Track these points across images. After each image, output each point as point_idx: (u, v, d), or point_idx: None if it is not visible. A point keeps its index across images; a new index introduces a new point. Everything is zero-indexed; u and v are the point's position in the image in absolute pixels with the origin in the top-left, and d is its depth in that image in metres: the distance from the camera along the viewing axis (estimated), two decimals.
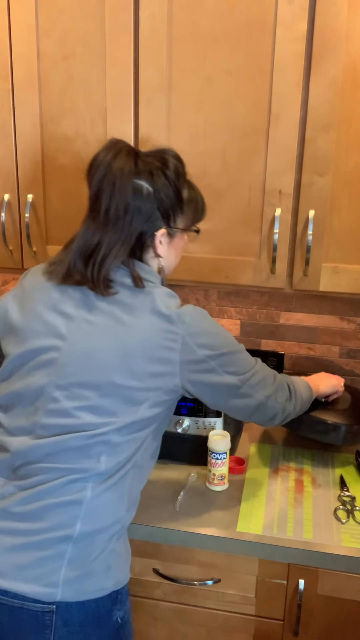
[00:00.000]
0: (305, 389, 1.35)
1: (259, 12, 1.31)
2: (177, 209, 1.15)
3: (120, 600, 1.14)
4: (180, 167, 1.15)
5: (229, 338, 1.18)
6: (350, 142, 1.34)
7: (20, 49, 1.42)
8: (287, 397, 1.27)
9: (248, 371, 1.19)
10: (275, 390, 1.24)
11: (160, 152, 1.15)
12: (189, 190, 1.19)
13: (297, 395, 1.30)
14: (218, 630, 1.42)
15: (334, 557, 1.27)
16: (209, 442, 1.46)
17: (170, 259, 1.21)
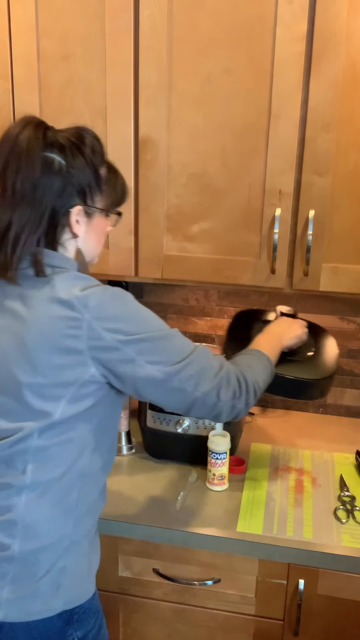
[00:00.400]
0: (263, 367, 1.20)
1: (259, 12, 1.31)
2: (95, 187, 1.07)
3: (77, 620, 1.09)
4: (97, 145, 1.08)
5: (152, 322, 1.06)
6: (350, 142, 1.34)
7: (20, 49, 1.42)
8: (234, 394, 1.10)
9: (178, 362, 1.05)
10: (218, 386, 1.08)
11: (76, 129, 1.08)
12: (109, 170, 1.12)
13: (249, 386, 1.13)
14: (218, 630, 1.42)
15: (334, 557, 1.27)
16: (209, 442, 1.46)
17: (91, 242, 1.12)
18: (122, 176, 1.17)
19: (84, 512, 1.09)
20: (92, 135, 1.08)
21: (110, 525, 1.36)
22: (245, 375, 1.13)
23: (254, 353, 1.22)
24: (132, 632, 1.48)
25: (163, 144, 1.42)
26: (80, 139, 1.05)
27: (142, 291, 1.93)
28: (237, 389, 1.11)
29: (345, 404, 1.89)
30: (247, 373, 1.14)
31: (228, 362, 1.15)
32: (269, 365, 1.22)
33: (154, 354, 1.03)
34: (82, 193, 1.06)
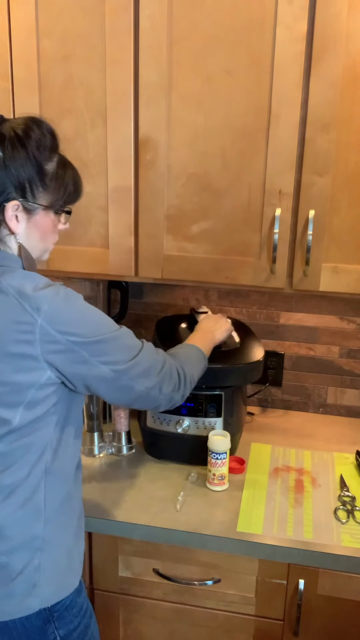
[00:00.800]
0: (198, 362, 1.28)
1: (259, 12, 1.31)
2: (37, 183, 1.04)
3: (58, 617, 1.09)
4: (46, 139, 1.05)
5: (103, 323, 1.07)
6: (350, 142, 1.34)
7: (20, 49, 1.42)
8: (174, 387, 1.17)
9: (128, 360, 1.08)
10: (161, 381, 1.14)
11: (27, 120, 1.05)
12: (59, 166, 1.08)
13: (187, 380, 1.20)
14: (218, 630, 1.42)
15: (334, 557, 1.27)
16: (209, 442, 1.46)
17: (34, 240, 1.08)
18: (75, 173, 1.12)
19: (54, 509, 1.09)
20: (43, 128, 1.05)
21: (110, 525, 1.36)
22: (185, 369, 1.21)
23: (191, 348, 1.31)
24: (132, 632, 1.48)
25: (163, 144, 1.42)
26: (25, 132, 1.03)
27: (142, 291, 1.93)
28: (177, 382, 1.18)
29: (345, 404, 1.89)
30: (185, 367, 1.22)
31: (169, 355, 1.22)
32: (203, 359, 1.31)
33: (107, 354, 1.05)
34: (21, 188, 1.03)
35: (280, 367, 1.89)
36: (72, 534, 1.13)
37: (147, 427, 1.60)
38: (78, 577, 1.15)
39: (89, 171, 1.47)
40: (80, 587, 1.16)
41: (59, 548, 1.10)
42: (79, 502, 1.17)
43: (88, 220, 1.51)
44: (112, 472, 1.54)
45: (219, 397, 1.53)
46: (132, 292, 1.92)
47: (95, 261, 1.53)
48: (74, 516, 1.14)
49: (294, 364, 1.89)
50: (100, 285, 1.82)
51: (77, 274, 1.58)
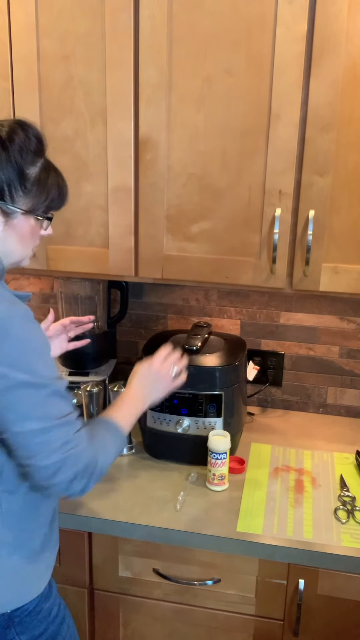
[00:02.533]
0: (117, 448, 1.12)
1: (259, 12, 1.31)
2: (17, 186, 1.02)
3: (19, 623, 1.09)
4: (29, 143, 1.03)
5: (35, 361, 0.97)
6: (350, 142, 1.34)
7: (20, 49, 1.42)
8: (74, 476, 1.01)
9: (29, 418, 0.96)
10: (59, 463, 0.98)
11: (14, 123, 1.04)
12: (42, 171, 1.05)
13: (96, 472, 1.04)
14: (218, 630, 1.42)
15: (334, 557, 1.27)
16: (209, 442, 1.46)
17: (11, 243, 1.06)
18: (60, 179, 1.10)
19: (14, 514, 1.06)
20: (28, 132, 1.04)
21: (110, 525, 1.36)
22: (97, 460, 1.05)
23: (113, 430, 1.13)
24: (132, 632, 1.48)
25: (163, 144, 1.42)
26: (9, 135, 1.01)
27: (142, 291, 1.93)
28: (82, 472, 1.01)
29: (345, 404, 1.89)
30: (100, 457, 1.05)
31: (86, 435, 1.04)
32: (122, 443, 1.15)
33: (14, 400, 0.95)
34: (0, 191, 1.01)
35: (280, 367, 1.89)
36: (39, 540, 1.12)
37: (147, 427, 1.60)
38: (44, 583, 1.14)
39: (89, 171, 1.47)
40: (48, 592, 1.15)
41: (20, 554, 1.09)
42: (49, 509, 1.14)
43: (88, 220, 1.51)
44: (112, 472, 1.54)
45: (219, 397, 1.54)
46: (132, 292, 1.92)
47: (95, 261, 1.53)
48: (42, 522, 1.13)
49: (294, 364, 1.89)
50: (100, 285, 1.82)
51: (77, 274, 1.58)
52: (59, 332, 1.44)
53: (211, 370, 1.54)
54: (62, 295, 1.82)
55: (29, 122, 1.06)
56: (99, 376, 1.75)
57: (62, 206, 1.13)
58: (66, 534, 1.40)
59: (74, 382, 1.72)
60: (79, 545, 1.42)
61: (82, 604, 1.47)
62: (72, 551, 1.43)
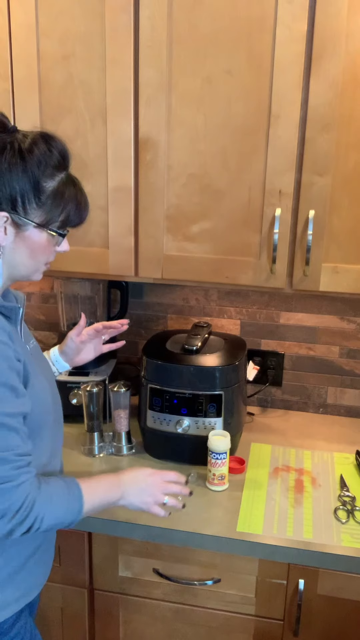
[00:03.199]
0: (67, 510, 1.03)
1: (259, 12, 1.31)
2: (31, 198, 1.01)
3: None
4: (49, 156, 1.02)
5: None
6: (350, 142, 1.34)
7: (20, 49, 1.42)
8: (2, 514, 0.96)
9: None
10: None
11: (38, 135, 1.03)
12: (61, 185, 1.04)
13: (27, 520, 0.98)
14: (218, 630, 1.42)
15: (334, 557, 1.27)
16: (209, 442, 1.46)
17: (21, 256, 1.05)
18: (79, 196, 1.08)
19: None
20: (51, 145, 1.03)
21: (110, 525, 1.36)
22: (34, 507, 0.98)
23: (73, 491, 1.06)
24: (132, 632, 1.48)
25: (163, 144, 1.42)
26: (30, 146, 1.01)
27: (142, 291, 1.93)
28: (11, 512, 0.96)
29: (345, 404, 1.89)
30: (41, 507, 0.99)
31: (36, 480, 1.00)
32: (76, 512, 1.05)
33: None
34: (12, 201, 1.00)
35: (280, 367, 1.89)
36: (16, 568, 1.11)
37: (147, 427, 1.60)
38: (12, 609, 1.11)
39: (89, 171, 1.47)
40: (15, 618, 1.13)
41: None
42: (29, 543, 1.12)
43: (88, 220, 1.48)
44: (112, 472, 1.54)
45: (219, 397, 1.54)
46: (132, 292, 1.92)
47: (95, 261, 1.53)
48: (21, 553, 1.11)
49: (294, 364, 1.89)
50: (100, 285, 1.82)
51: (77, 274, 1.58)
52: (92, 337, 1.43)
53: (211, 370, 1.54)
54: (62, 295, 1.82)
55: (54, 136, 1.05)
56: (98, 376, 1.75)
57: (81, 223, 1.10)
58: (66, 534, 1.41)
59: (74, 382, 1.72)
60: (79, 545, 1.42)
61: (82, 604, 1.47)
62: (72, 551, 1.43)
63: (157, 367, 1.57)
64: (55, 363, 1.40)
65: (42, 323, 2.01)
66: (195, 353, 1.57)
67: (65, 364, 1.41)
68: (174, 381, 1.55)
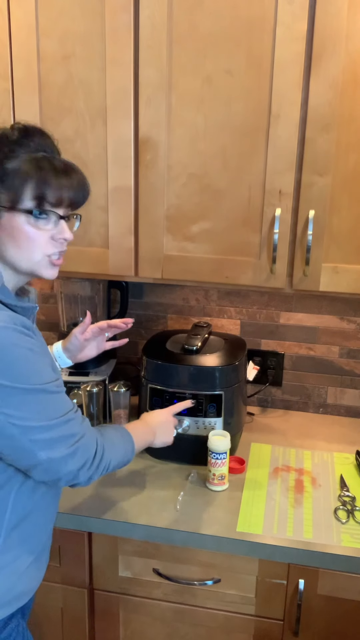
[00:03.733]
0: (125, 451, 1.17)
1: (259, 12, 1.31)
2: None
3: None
4: (10, 135, 0.98)
5: (27, 370, 0.97)
6: (350, 142, 1.34)
7: (20, 49, 1.42)
8: (83, 465, 1.05)
9: (39, 420, 0.98)
10: (70, 454, 1.02)
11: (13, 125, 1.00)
12: (25, 161, 0.97)
13: (102, 464, 1.09)
14: (218, 630, 1.42)
15: (334, 557, 1.27)
16: (209, 442, 1.46)
17: (10, 249, 1.00)
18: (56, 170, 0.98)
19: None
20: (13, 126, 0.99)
21: (110, 525, 1.36)
22: (104, 452, 1.10)
23: (125, 436, 1.20)
24: (132, 632, 1.48)
25: (163, 144, 1.42)
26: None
27: (142, 291, 1.93)
28: (90, 461, 1.07)
29: (345, 404, 1.89)
30: (106, 450, 1.11)
31: (96, 430, 1.11)
32: (130, 452, 1.20)
33: (12, 405, 0.96)
34: None
35: (280, 367, 1.89)
36: (12, 570, 1.11)
37: None
38: (3, 612, 1.12)
39: (89, 171, 1.47)
40: (7, 620, 1.13)
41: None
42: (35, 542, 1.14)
43: (88, 220, 1.51)
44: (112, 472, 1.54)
45: (219, 397, 1.54)
46: (132, 292, 1.92)
47: (95, 261, 1.53)
48: (32, 553, 1.13)
49: (294, 364, 1.89)
50: (100, 285, 1.82)
51: (77, 274, 1.58)
52: (96, 334, 1.44)
53: (211, 370, 1.54)
54: (62, 295, 1.82)
55: (25, 122, 1.02)
56: (99, 376, 1.75)
57: (64, 200, 1.00)
58: (66, 534, 1.41)
59: (74, 382, 1.72)
60: (79, 545, 1.42)
61: (82, 604, 1.47)
62: (72, 551, 1.43)
63: (157, 367, 1.57)
64: (58, 359, 1.41)
65: (42, 323, 2.01)
66: (195, 353, 1.57)
67: (67, 360, 1.42)
68: (174, 381, 1.55)
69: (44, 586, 1.46)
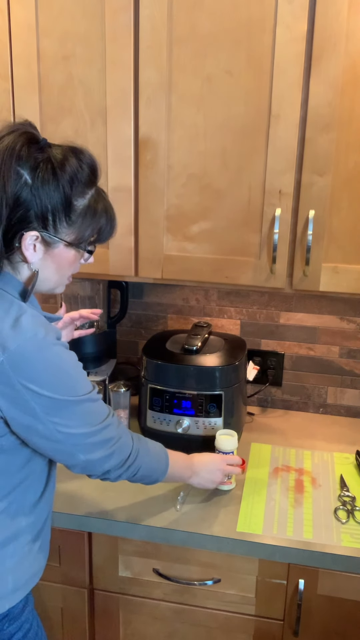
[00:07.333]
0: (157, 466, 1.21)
1: (259, 12, 1.31)
2: (61, 217, 1.00)
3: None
4: (81, 173, 1.00)
5: (72, 384, 1.03)
6: (350, 142, 1.34)
7: (20, 49, 1.42)
8: (118, 464, 1.12)
9: (83, 427, 1.05)
10: (108, 455, 1.09)
11: (69, 150, 1.01)
12: (92, 203, 1.03)
13: (133, 466, 1.15)
14: (218, 630, 1.42)
15: (334, 557, 1.27)
16: (216, 441, 1.46)
17: (49, 272, 1.05)
18: (109, 213, 1.07)
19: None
20: (82, 161, 1.01)
21: (110, 525, 1.36)
22: (138, 455, 1.16)
23: (163, 451, 1.25)
24: (132, 632, 1.48)
25: (163, 144, 1.42)
26: (61, 162, 0.99)
27: (142, 291, 1.93)
28: (124, 461, 1.13)
29: (345, 404, 1.90)
30: (140, 454, 1.17)
31: (131, 433, 1.17)
32: (162, 472, 1.23)
33: (60, 415, 1.02)
34: (43, 219, 0.99)
35: (280, 367, 1.89)
36: (17, 560, 1.12)
37: (147, 427, 1.60)
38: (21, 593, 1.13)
39: None
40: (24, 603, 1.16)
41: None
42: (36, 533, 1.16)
43: None
44: None
45: (219, 397, 1.54)
46: (132, 292, 1.92)
47: (95, 261, 1.53)
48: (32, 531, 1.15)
49: (294, 364, 1.89)
50: (100, 285, 1.82)
51: (77, 274, 1.58)
52: (67, 324, 1.47)
53: (211, 370, 1.54)
54: (62, 295, 1.82)
55: (83, 149, 1.03)
56: (99, 376, 1.75)
57: (109, 239, 1.11)
58: (66, 534, 1.41)
59: None
60: (79, 545, 1.42)
61: (82, 604, 1.47)
62: (72, 551, 1.43)
63: (157, 367, 1.57)
64: None
65: None
66: (195, 353, 1.57)
67: None
68: (174, 381, 1.55)
69: (44, 586, 1.46)
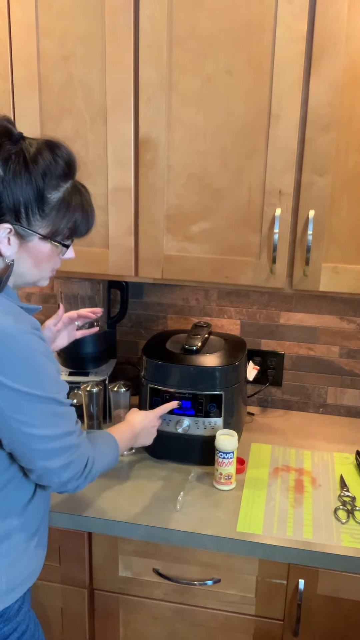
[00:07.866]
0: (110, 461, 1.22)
1: (259, 12, 1.31)
2: (34, 209, 0.99)
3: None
4: (55, 166, 1.00)
5: (43, 380, 1.00)
6: (350, 142, 1.34)
7: (20, 49, 1.42)
8: (75, 475, 1.09)
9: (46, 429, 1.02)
10: (65, 466, 1.07)
11: (42, 143, 1.01)
12: (66, 196, 1.03)
13: (90, 475, 1.13)
14: (218, 630, 1.42)
15: (334, 557, 1.27)
16: (217, 441, 1.46)
17: (26, 265, 1.05)
18: (85, 205, 1.06)
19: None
20: (57, 154, 1.01)
21: (110, 525, 1.36)
22: (95, 463, 1.14)
23: (112, 444, 1.24)
24: (132, 632, 1.48)
25: (163, 144, 1.42)
26: (34, 156, 0.98)
27: (142, 291, 1.93)
28: (80, 472, 1.10)
29: (345, 404, 1.89)
30: (96, 462, 1.14)
31: (88, 440, 1.14)
32: (114, 460, 1.24)
33: (26, 412, 0.99)
34: (16, 212, 0.99)
35: (280, 367, 1.89)
36: (12, 560, 1.12)
37: None
38: (17, 592, 1.13)
39: (89, 171, 1.47)
40: (20, 604, 1.15)
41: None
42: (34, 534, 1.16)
43: None
44: (112, 472, 1.54)
45: (219, 397, 1.54)
46: (132, 292, 1.92)
47: (95, 261, 1.53)
48: (29, 530, 1.15)
49: (294, 364, 1.89)
50: (100, 285, 1.82)
51: (77, 274, 1.58)
52: (67, 324, 1.47)
53: (211, 370, 1.54)
54: (62, 295, 1.82)
55: (59, 143, 1.03)
56: (99, 376, 1.75)
57: (87, 232, 1.10)
58: (66, 534, 1.41)
59: (74, 382, 1.72)
60: (79, 545, 1.42)
61: (82, 604, 1.47)
62: (72, 551, 1.43)
63: (157, 367, 1.57)
64: None
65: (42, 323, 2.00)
66: (195, 353, 1.57)
67: None
68: (174, 381, 1.55)
69: (44, 586, 1.46)
